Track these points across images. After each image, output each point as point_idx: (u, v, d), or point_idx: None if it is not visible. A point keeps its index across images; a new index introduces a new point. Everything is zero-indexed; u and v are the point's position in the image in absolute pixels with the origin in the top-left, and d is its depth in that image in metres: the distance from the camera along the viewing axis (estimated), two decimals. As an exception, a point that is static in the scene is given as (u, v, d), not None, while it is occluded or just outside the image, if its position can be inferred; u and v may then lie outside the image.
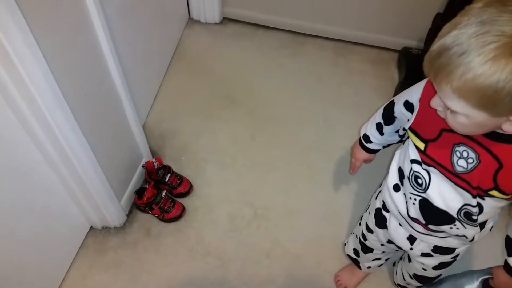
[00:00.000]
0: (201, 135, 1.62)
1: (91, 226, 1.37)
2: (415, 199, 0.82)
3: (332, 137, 1.61)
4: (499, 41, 0.52)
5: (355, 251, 1.22)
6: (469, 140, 0.69)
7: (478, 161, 0.69)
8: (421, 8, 1.66)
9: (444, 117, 0.65)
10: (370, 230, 1.06)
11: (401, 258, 1.18)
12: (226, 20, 2.02)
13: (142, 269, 1.31)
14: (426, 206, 0.81)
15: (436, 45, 0.57)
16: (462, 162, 0.71)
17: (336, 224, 1.41)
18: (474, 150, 0.69)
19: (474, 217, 0.76)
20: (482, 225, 0.81)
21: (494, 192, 0.70)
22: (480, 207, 0.75)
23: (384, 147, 1.00)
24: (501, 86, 0.53)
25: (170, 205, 1.38)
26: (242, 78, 1.80)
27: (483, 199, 0.74)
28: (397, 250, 1.08)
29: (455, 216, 0.78)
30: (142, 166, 1.42)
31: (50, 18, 0.87)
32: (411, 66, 1.69)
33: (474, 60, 0.53)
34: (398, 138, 0.95)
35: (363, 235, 1.11)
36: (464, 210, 0.76)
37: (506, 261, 0.82)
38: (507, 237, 0.80)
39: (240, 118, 1.67)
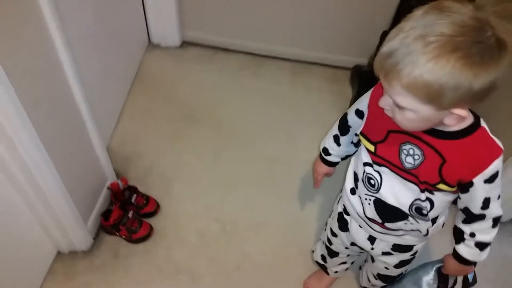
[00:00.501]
0: (166, 155, 1.64)
1: (58, 251, 1.34)
2: (370, 200, 0.89)
3: (294, 151, 1.68)
4: (439, 41, 0.59)
5: (323, 257, 1.27)
6: (414, 138, 0.76)
7: (424, 157, 0.76)
8: (368, 28, 1.78)
9: (392, 116, 0.72)
10: (334, 234, 1.12)
11: (365, 261, 1.23)
12: (186, 43, 2.07)
13: (112, 291, 1.29)
14: (380, 205, 0.88)
15: (385, 47, 0.64)
16: (409, 159, 0.78)
17: (302, 234, 1.45)
18: (419, 147, 0.76)
19: (425, 212, 0.83)
20: (434, 220, 0.88)
21: (441, 186, 0.78)
22: (431, 202, 0.82)
23: (342, 159, 1.06)
24: (445, 81, 0.60)
25: (137, 225, 1.38)
26: (204, 99, 1.84)
27: (432, 193, 0.81)
28: (361, 252, 1.14)
29: (408, 212, 0.85)
30: (108, 188, 1.42)
31: (13, 43, 0.89)
32: (363, 81, 1.80)
33: (420, 59, 0.60)
34: (354, 149, 1.01)
35: (328, 240, 1.16)
36: (415, 206, 0.83)
37: (454, 249, 0.89)
38: (455, 227, 0.88)
39: (204, 136, 1.71)
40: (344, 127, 0.97)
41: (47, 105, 1.05)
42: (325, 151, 1.05)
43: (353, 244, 1.08)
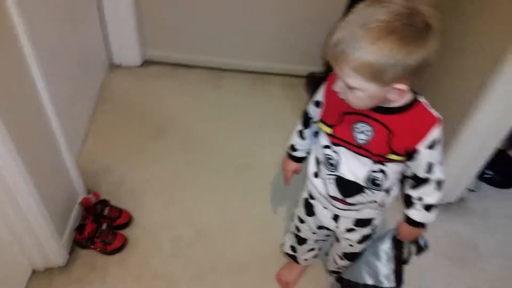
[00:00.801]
0: (135, 168, 1.68)
1: (33, 270, 1.34)
2: (331, 179, 0.98)
3: (260, 155, 1.77)
4: (378, 27, 0.71)
5: (292, 248, 1.34)
6: (364, 116, 0.87)
7: (374, 132, 0.87)
8: (319, 39, 1.91)
9: (345, 98, 0.83)
10: (302, 221, 1.20)
11: (331, 245, 1.32)
12: (147, 62, 2.14)
13: (91, 302, 1.31)
14: (340, 182, 0.97)
15: (334, 37, 0.75)
16: (362, 136, 0.89)
17: (273, 232, 1.52)
18: (369, 124, 0.87)
19: (379, 183, 0.93)
20: (388, 191, 0.98)
21: (391, 156, 0.88)
22: (384, 173, 0.92)
23: (308, 154, 1.15)
24: (385, 60, 0.72)
25: (111, 237, 1.41)
26: (169, 112, 1.91)
27: (384, 165, 0.91)
28: (327, 236, 1.23)
29: (364, 184, 0.95)
30: (79, 204, 1.45)
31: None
32: (316, 87, 1.89)
33: (362, 44, 0.72)
34: (316, 141, 1.11)
35: (297, 228, 1.24)
36: (370, 178, 0.93)
37: (406, 215, 0.99)
38: (404, 194, 0.99)
39: (171, 148, 1.77)
40: (306, 120, 1.07)
41: (23, 123, 1.09)
42: (292, 147, 1.14)
43: (319, 227, 1.17)
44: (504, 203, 1.73)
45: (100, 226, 1.40)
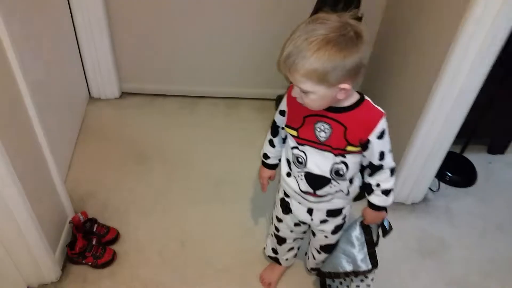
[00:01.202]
0: (119, 190, 1.77)
1: (28, 287, 1.39)
2: (301, 175, 1.11)
3: (236, 170, 1.89)
4: (318, 39, 0.86)
5: (274, 250, 1.45)
6: (322, 117, 1.02)
7: (331, 129, 1.02)
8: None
9: (302, 101, 0.98)
10: (280, 220, 1.32)
11: (309, 244, 1.43)
12: (125, 94, 2.27)
13: (84, 315, 1.36)
14: (309, 177, 1.10)
15: (284, 52, 0.91)
16: (322, 134, 1.03)
17: (254, 238, 1.62)
18: (327, 123, 1.02)
19: (342, 173, 1.07)
20: (351, 181, 1.12)
21: (349, 148, 1.03)
22: (345, 164, 1.06)
23: (279, 160, 1.28)
24: (326, 65, 0.87)
25: (101, 251, 1.48)
26: (148, 138, 2.02)
27: (344, 157, 1.05)
28: (304, 233, 1.34)
29: (329, 176, 1.08)
30: (70, 222, 1.52)
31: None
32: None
33: (307, 54, 0.87)
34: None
35: (276, 228, 1.36)
36: (334, 169, 1.07)
37: (368, 201, 1.13)
38: (364, 183, 1.13)
39: (153, 169, 1.87)
40: (274, 130, 1.21)
41: (21, 149, 1.21)
42: (265, 156, 1.28)
43: (296, 224, 1.29)
44: (464, 200, 1.89)
45: (90, 241, 1.47)
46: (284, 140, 1.22)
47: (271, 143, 1.24)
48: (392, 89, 1.89)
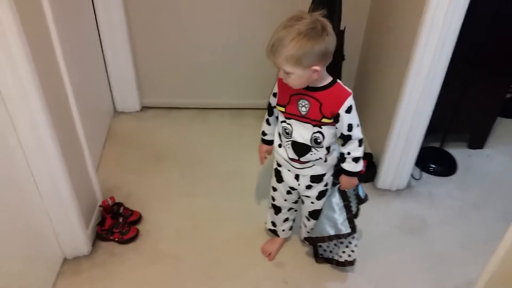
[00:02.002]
0: (140, 184, 2.05)
1: (65, 258, 1.66)
2: (288, 144, 1.39)
3: (241, 167, 2.16)
4: (294, 32, 1.16)
5: (273, 223, 1.70)
6: (303, 95, 1.30)
7: (310, 104, 1.30)
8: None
9: (286, 81, 1.26)
10: (275, 189, 1.58)
11: (301, 217, 1.67)
12: (145, 108, 2.60)
13: (114, 278, 1.62)
14: (295, 146, 1.38)
15: (270, 42, 1.20)
16: (303, 108, 1.31)
17: (256, 220, 1.86)
18: (306, 100, 1.30)
19: (320, 141, 1.34)
20: (328, 149, 1.38)
21: (324, 120, 1.30)
22: (322, 134, 1.33)
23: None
24: (299, 52, 1.16)
25: (127, 229, 1.75)
26: (165, 143, 2.32)
27: (321, 127, 1.32)
28: (295, 203, 1.60)
29: (310, 144, 1.35)
30: (99, 206, 1.80)
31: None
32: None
33: (286, 43, 1.16)
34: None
35: (272, 198, 1.62)
36: (313, 138, 1.34)
37: (342, 168, 1.40)
38: (340, 153, 1.39)
39: (170, 168, 2.16)
40: (270, 110, 1.49)
41: (68, 143, 1.51)
42: (263, 133, 1.56)
43: (288, 192, 1.55)
44: (445, 186, 2.12)
45: (117, 220, 1.74)
46: (277, 118, 1.49)
47: (268, 122, 1.52)
48: (375, 89, 2.18)
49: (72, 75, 1.53)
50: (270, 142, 1.57)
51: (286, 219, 1.68)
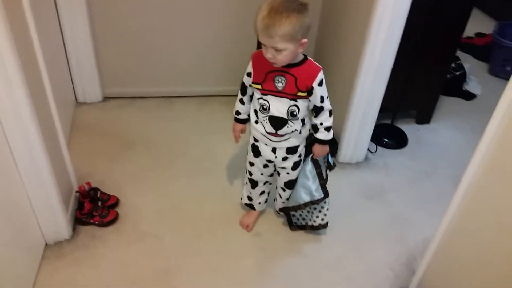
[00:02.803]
0: (113, 170, 2.07)
1: (46, 243, 1.66)
2: (266, 119, 1.50)
3: (212, 150, 2.24)
4: (287, 11, 1.26)
5: (249, 197, 1.81)
6: (279, 72, 1.41)
7: (286, 79, 1.42)
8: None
9: (274, 60, 1.35)
10: (252, 164, 1.68)
11: (276, 189, 1.79)
12: (107, 98, 2.59)
13: (98, 258, 1.65)
14: (272, 120, 1.49)
15: (261, 25, 1.28)
16: (279, 84, 1.43)
17: (231, 197, 1.96)
18: (282, 76, 1.41)
19: (295, 114, 1.46)
20: (303, 122, 1.51)
21: (299, 93, 1.43)
22: (297, 107, 1.46)
23: (248, 116, 1.65)
24: (297, 26, 1.27)
25: (106, 212, 1.78)
26: (132, 130, 2.35)
27: (296, 101, 1.45)
28: (271, 176, 1.71)
29: (286, 117, 1.47)
30: (76, 192, 1.81)
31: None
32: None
33: (283, 22, 1.26)
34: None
35: (249, 172, 1.72)
36: (289, 111, 1.46)
37: (315, 137, 1.53)
38: (312, 125, 1.52)
39: (140, 153, 2.20)
40: (243, 89, 1.58)
41: (46, 126, 1.49)
42: (237, 112, 1.64)
43: (265, 166, 1.66)
44: (398, 158, 2.34)
45: (96, 204, 1.77)
46: (251, 98, 1.59)
47: (241, 101, 1.61)
48: (332, 71, 2.35)
49: (44, 59, 1.53)
50: (244, 121, 1.67)
51: (262, 192, 1.79)
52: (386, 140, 2.42)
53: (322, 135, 1.53)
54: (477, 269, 1.26)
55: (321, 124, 1.51)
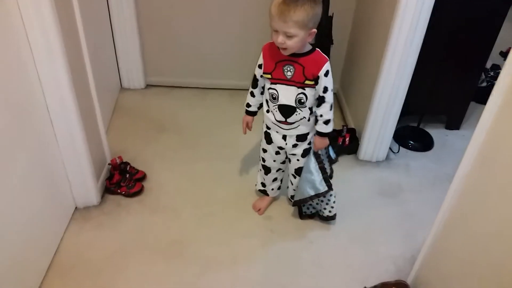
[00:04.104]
0: (144, 149, 2.26)
1: (76, 207, 1.87)
2: (276, 108, 1.59)
3: (237, 139, 2.36)
4: (302, 1, 1.35)
5: (262, 184, 1.91)
6: (288, 61, 1.51)
7: (295, 69, 1.51)
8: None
9: (284, 46, 1.44)
10: (265, 151, 1.78)
11: (288, 176, 1.88)
12: (149, 86, 2.81)
13: (119, 224, 1.83)
14: (281, 108, 1.58)
15: (277, 10, 1.37)
16: (288, 73, 1.52)
17: (247, 182, 2.07)
18: (291, 65, 1.51)
19: (303, 101, 1.55)
20: (311, 110, 1.59)
21: (306, 82, 1.51)
22: (305, 95, 1.54)
23: (258, 108, 1.75)
24: (310, 15, 1.36)
25: (133, 184, 1.95)
26: (167, 116, 2.54)
27: (304, 89, 1.54)
28: (283, 163, 1.81)
29: (294, 105, 1.56)
30: (108, 164, 2.01)
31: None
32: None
33: (298, 8, 1.35)
34: (262, 98, 1.70)
35: (262, 159, 1.82)
36: (297, 99, 1.55)
37: (316, 130, 1.61)
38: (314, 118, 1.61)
39: (171, 137, 2.37)
40: (254, 82, 1.67)
41: (83, 103, 1.68)
42: (247, 105, 1.73)
43: (277, 152, 1.76)
44: (421, 160, 2.34)
45: (124, 176, 1.95)
46: (262, 91, 1.67)
47: (252, 94, 1.69)
48: (359, 71, 2.40)
49: (88, 44, 1.73)
50: (254, 114, 1.75)
51: (275, 179, 1.89)
52: (411, 142, 2.43)
53: (321, 127, 1.60)
54: (471, 263, 1.27)
55: (321, 116, 1.58)
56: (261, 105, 1.73)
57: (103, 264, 1.66)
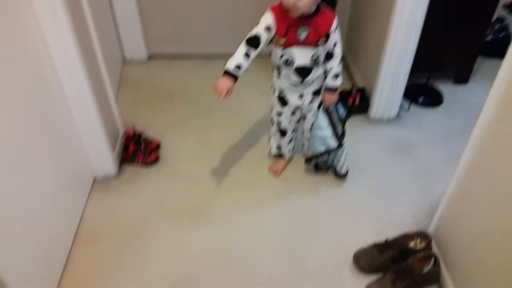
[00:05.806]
0: (155, 120, 2.25)
1: (95, 178, 1.88)
2: (292, 72, 1.58)
3: (245, 105, 2.36)
4: None
5: (278, 147, 1.92)
6: (301, 24, 1.48)
7: (308, 30, 1.49)
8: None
9: (296, 5, 1.40)
10: (279, 114, 1.78)
11: (302, 134, 1.89)
12: (151, 56, 2.78)
13: (139, 191, 1.84)
14: (298, 70, 1.57)
15: None
16: (302, 35, 1.50)
17: (260, 147, 2.08)
18: (304, 26, 1.49)
19: (318, 60, 1.54)
20: (322, 66, 1.59)
21: (320, 40, 1.50)
22: (320, 54, 1.53)
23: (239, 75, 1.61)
24: None
25: (148, 153, 1.96)
26: (174, 85, 2.52)
27: (318, 48, 1.52)
28: (298, 122, 1.81)
29: (310, 66, 1.55)
30: (122, 136, 2.00)
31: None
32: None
33: None
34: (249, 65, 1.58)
35: (277, 123, 1.82)
36: (313, 58, 1.54)
37: (325, 85, 1.62)
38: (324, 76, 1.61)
39: (180, 105, 2.36)
40: (255, 42, 1.49)
41: (96, 79, 1.68)
42: (236, 66, 1.51)
43: (292, 113, 1.76)
44: (432, 116, 2.35)
45: (140, 146, 1.95)
46: (255, 55, 1.55)
47: (247, 55, 1.50)
48: (366, 29, 2.37)
49: (93, 14, 1.70)
50: (236, 78, 1.53)
51: (290, 140, 1.90)
52: (421, 98, 2.43)
53: (331, 81, 1.62)
54: (492, 214, 1.29)
55: (331, 69, 1.60)
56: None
57: (129, 229, 1.68)
